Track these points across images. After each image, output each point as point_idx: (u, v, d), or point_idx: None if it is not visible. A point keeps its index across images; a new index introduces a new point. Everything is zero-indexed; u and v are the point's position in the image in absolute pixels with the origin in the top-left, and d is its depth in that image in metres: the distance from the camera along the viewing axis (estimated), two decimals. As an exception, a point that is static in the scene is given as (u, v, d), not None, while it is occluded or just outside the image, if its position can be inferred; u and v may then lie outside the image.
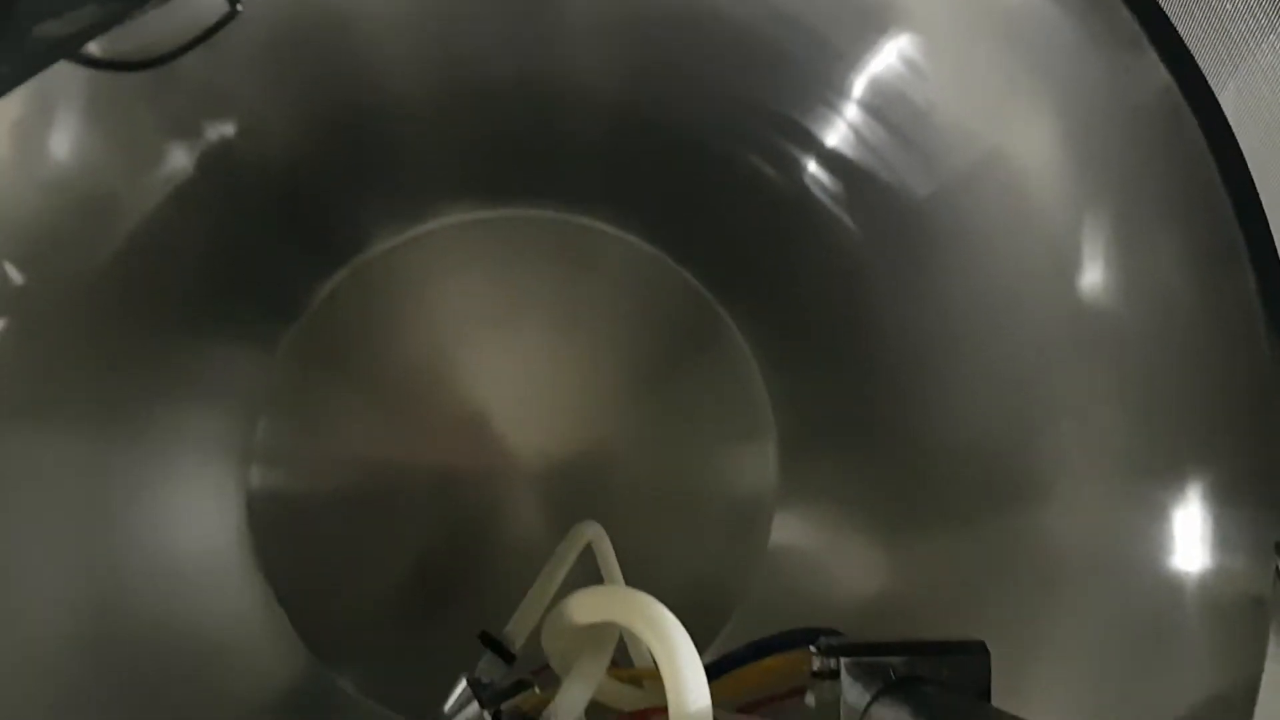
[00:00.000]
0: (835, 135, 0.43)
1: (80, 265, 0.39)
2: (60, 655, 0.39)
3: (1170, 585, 0.37)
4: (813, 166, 0.44)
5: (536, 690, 0.35)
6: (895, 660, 0.28)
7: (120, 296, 0.42)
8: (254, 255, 0.48)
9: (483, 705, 0.34)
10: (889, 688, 0.28)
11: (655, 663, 0.27)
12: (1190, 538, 0.36)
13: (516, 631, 0.40)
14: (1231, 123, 0.34)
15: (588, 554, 0.44)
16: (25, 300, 0.37)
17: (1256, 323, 0.34)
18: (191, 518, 0.49)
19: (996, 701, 0.29)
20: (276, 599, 0.51)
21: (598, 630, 0.32)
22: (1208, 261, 0.36)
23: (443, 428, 0.52)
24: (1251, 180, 0.34)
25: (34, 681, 0.37)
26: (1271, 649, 0.34)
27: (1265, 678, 0.34)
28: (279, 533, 0.51)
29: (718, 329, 0.55)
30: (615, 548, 0.44)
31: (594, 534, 0.43)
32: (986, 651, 0.29)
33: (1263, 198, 0.34)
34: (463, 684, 0.35)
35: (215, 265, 0.46)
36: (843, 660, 0.28)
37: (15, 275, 0.36)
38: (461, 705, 0.34)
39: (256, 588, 0.50)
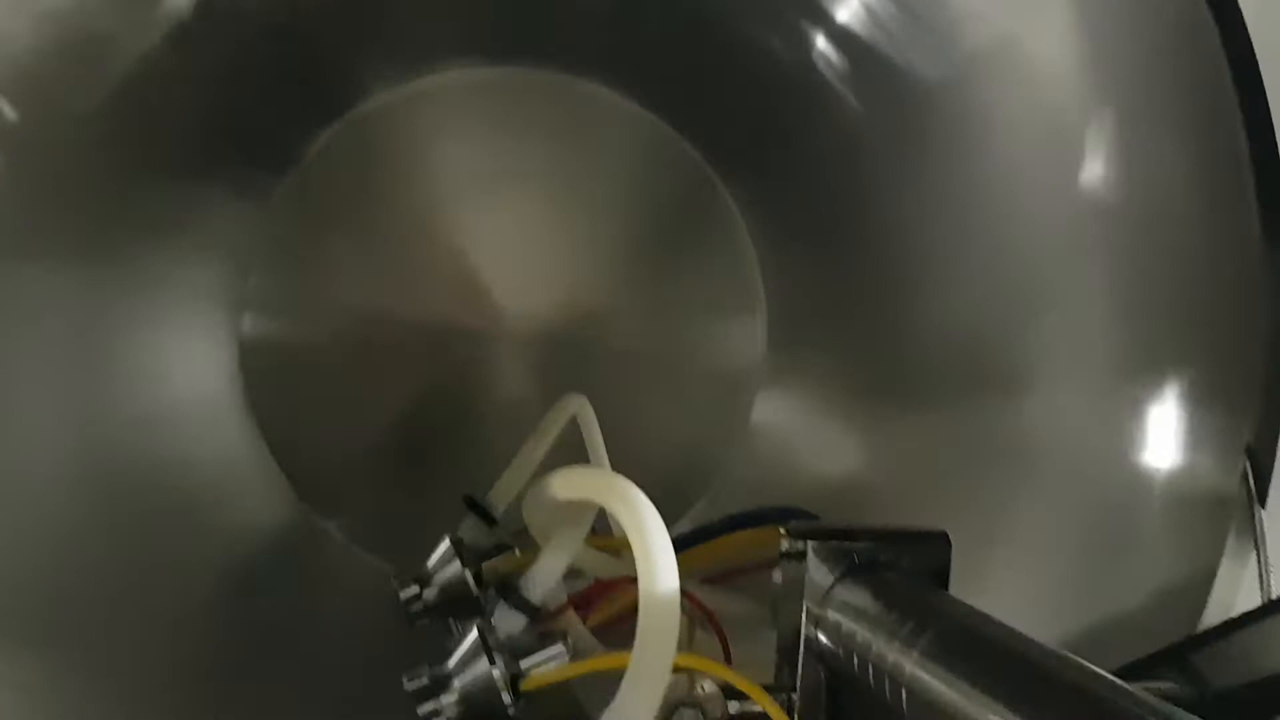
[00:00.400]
0: (846, 11, 0.42)
1: (75, 103, 0.39)
2: (53, 491, 0.40)
3: (1139, 480, 0.38)
4: (821, 42, 0.43)
5: (516, 553, 0.36)
6: (860, 545, 0.29)
7: (114, 137, 0.41)
8: (248, 103, 0.47)
9: (464, 564, 0.35)
10: (852, 571, 0.29)
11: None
12: (1163, 435, 0.37)
13: (499, 498, 0.41)
14: (1249, 25, 0.33)
15: (573, 420, 0.45)
16: (18, 136, 0.37)
17: (1252, 231, 0.34)
18: (185, 362, 0.50)
19: (959, 586, 0.30)
20: (267, 445, 0.52)
21: (577, 505, 0.32)
22: (1210, 166, 0.35)
23: (434, 285, 0.52)
24: (1263, 89, 0.33)
25: (27, 516, 0.38)
26: (1230, 544, 0.35)
27: (1220, 571, 0.35)
28: (271, 381, 0.52)
29: (714, 201, 0.54)
30: (600, 415, 0.45)
31: (579, 407, 0.44)
32: (948, 541, 0.30)
33: (1272, 100, 0.34)
34: (446, 543, 0.36)
35: (209, 111, 0.45)
36: (810, 543, 0.29)
37: (8, 110, 0.36)
38: (444, 563, 0.35)
39: (248, 433, 0.51)
